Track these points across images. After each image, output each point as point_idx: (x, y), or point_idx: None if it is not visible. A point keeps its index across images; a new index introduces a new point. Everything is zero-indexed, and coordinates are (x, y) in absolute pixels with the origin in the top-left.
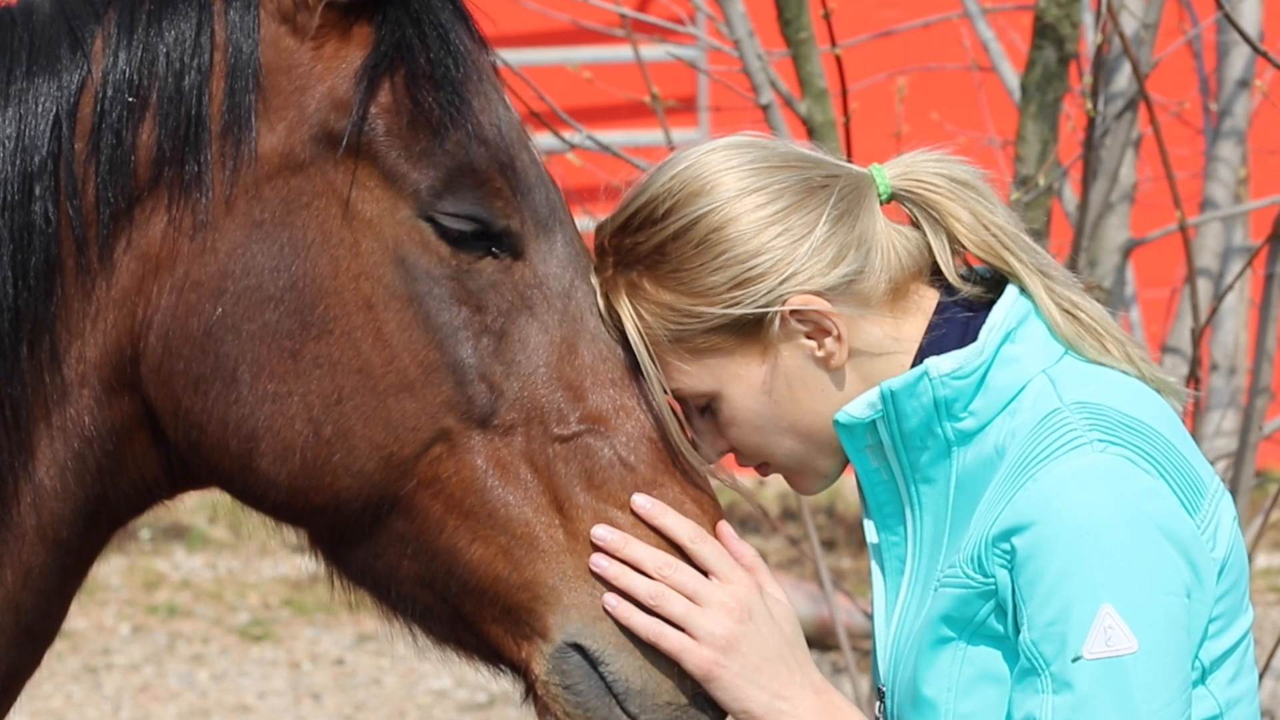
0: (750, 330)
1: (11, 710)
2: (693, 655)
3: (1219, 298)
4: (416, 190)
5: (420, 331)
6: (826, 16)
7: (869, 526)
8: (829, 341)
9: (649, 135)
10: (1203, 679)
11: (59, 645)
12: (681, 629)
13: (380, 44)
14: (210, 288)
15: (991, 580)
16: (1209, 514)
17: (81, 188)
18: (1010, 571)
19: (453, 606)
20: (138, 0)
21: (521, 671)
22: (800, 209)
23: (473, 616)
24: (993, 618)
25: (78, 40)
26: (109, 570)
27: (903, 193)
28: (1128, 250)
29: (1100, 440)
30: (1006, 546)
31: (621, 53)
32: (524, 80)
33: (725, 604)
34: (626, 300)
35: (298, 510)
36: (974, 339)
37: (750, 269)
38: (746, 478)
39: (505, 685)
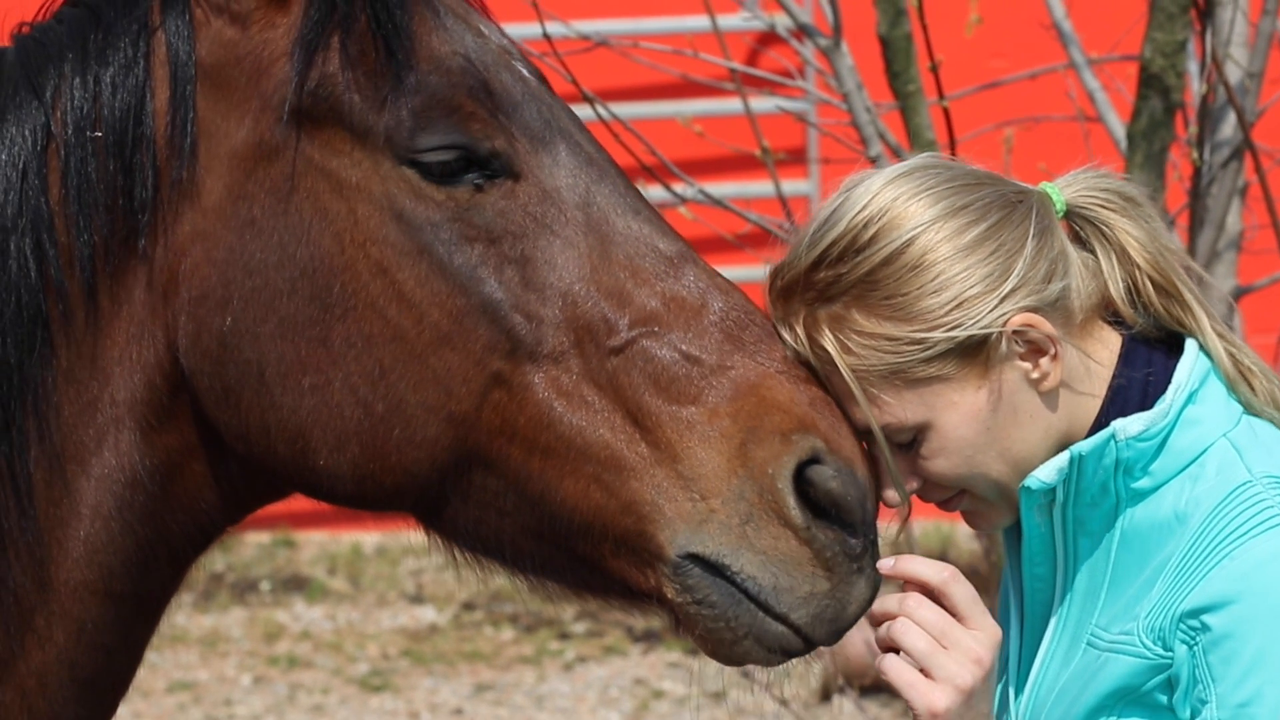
0: (972, 354)
1: None
2: (921, 693)
3: None
4: (389, 138)
5: (440, 281)
6: (934, 69)
7: (1011, 573)
8: (1044, 361)
9: (759, 187)
10: None
11: (181, 696)
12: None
13: (310, 8)
14: (215, 299)
15: (1170, 655)
16: None
17: (67, 235)
18: (1194, 648)
19: (568, 551)
20: (89, 36)
21: (658, 600)
22: (1008, 224)
23: (591, 556)
24: (1158, 690)
25: (35, 89)
26: (230, 622)
27: (1076, 209)
28: (1236, 297)
29: None
30: (1196, 624)
31: (731, 106)
32: (634, 134)
33: (973, 650)
34: (830, 334)
35: (373, 496)
36: (1156, 396)
37: (969, 288)
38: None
39: None
